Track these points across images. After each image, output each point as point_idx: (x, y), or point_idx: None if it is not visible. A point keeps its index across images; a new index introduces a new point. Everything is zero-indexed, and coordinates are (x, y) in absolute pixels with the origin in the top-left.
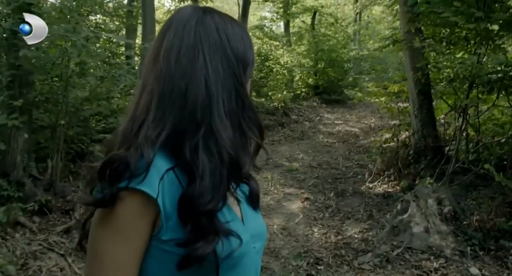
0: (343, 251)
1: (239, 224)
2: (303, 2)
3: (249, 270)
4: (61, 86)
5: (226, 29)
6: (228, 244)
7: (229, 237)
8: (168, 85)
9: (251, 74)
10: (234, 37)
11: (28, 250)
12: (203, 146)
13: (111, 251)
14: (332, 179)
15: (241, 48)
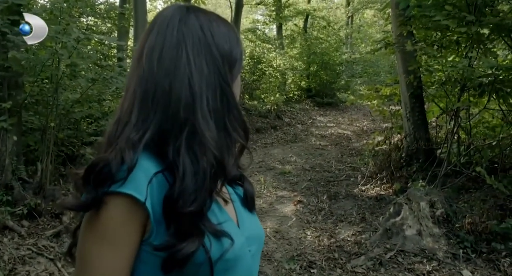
0: (336, 254)
1: (233, 226)
2: (296, 5)
3: (245, 274)
4: (51, 88)
5: (211, 27)
6: (219, 245)
7: (220, 238)
8: (151, 85)
9: (240, 72)
10: (219, 35)
11: (17, 254)
12: (186, 147)
13: (98, 258)
14: (325, 182)
15: (227, 46)
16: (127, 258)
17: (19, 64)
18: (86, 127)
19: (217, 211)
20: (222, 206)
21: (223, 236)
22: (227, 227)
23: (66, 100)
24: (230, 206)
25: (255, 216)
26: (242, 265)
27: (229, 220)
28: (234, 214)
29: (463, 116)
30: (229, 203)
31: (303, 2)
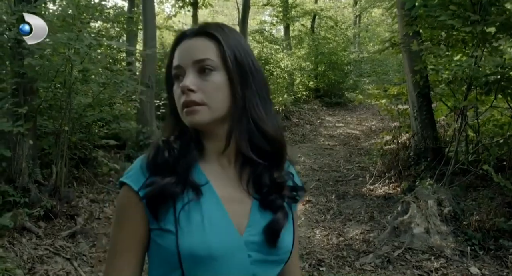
0: (345, 252)
1: (223, 225)
2: (303, 5)
3: (230, 274)
4: (64, 93)
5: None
6: (189, 237)
7: (192, 232)
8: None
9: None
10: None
11: (35, 254)
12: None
13: (113, 237)
14: (333, 181)
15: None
16: (132, 238)
17: (34, 70)
18: (98, 130)
19: (208, 205)
20: (223, 202)
21: (194, 233)
22: (208, 224)
23: (78, 104)
24: (246, 204)
25: (285, 232)
26: (226, 266)
27: (219, 218)
28: (244, 214)
29: (471, 115)
30: (246, 200)
31: (310, 2)
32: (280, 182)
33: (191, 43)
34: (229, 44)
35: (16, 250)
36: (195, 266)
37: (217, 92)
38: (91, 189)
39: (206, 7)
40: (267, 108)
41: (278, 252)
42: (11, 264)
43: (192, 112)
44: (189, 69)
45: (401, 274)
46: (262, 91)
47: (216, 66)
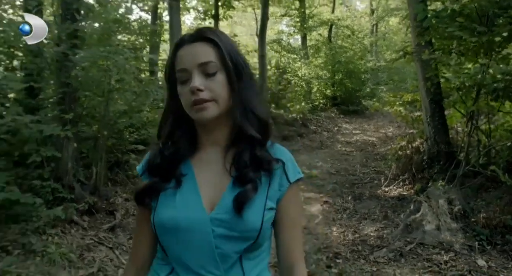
0: (360, 247)
1: (190, 201)
2: (320, 15)
3: (196, 246)
4: (103, 101)
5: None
6: (160, 210)
7: (165, 210)
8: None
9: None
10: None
11: (83, 243)
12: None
13: (136, 213)
14: (349, 184)
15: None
16: (142, 214)
17: (77, 81)
18: (129, 136)
19: (185, 189)
20: (200, 186)
21: (168, 208)
22: (180, 203)
23: (114, 112)
24: (223, 185)
25: (252, 208)
26: (190, 237)
27: (192, 199)
28: (219, 195)
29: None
30: (225, 182)
31: (327, 12)
32: (259, 157)
33: (192, 48)
34: (225, 47)
35: (67, 238)
36: (165, 235)
37: (222, 89)
38: (124, 189)
39: (226, 19)
40: (258, 97)
41: (242, 228)
42: (66, 249)
43: (202, 109)
44: (194, 72)
45: (412, 266)
46: (252, 83)
47: (218, 67)
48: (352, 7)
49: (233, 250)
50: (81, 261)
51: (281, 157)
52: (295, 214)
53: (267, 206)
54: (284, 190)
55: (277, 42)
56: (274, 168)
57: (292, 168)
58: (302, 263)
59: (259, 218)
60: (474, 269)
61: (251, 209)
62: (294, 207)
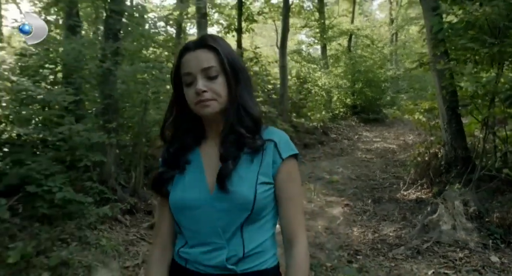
0: (379, 245)
1: (196, 183)
2: (339, 26)
3: (202, 220)
4: (140, 111)
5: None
6: (173, 192)
7: (176, 192)
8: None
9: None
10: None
11: (127, 238)
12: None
13: (157, 200)
14: (369, 188)
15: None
16: (160, 199)
17: (117, 93)
18: None
19: (193, 173)
20: (206, 169)
21: (179, 190)
22: (188, 185)
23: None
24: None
25: (244, 183)
26: (198, 214)
27: (198, 181)
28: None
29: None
30: (229, 160)
31: (347, 23)
32: (244, 138)
33: (195, 54)
34: (224, 52)
35: (114, 234)
36: (177, 213)
37: (222, 90)
38: None
39: (248, 32)
40: (252, 97)
41: (237, 202)
42: (115, 242)
43: (206, 106)
44: (198, 75)
45: (429, 262)
46: (248, 84)
47: (218, 71)
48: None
49: (232, 222)
50: (127, 254)
51: (272, 137)
52: (292, 188)
53: (259, 180)
54: (277, 166)
55: (297, 52)
56: (263, 147)
57: (285, 146)
58: (301, 237)
59: (251, 191)
60: (487, 265)
61: (243, 184)
62: (291, 182)
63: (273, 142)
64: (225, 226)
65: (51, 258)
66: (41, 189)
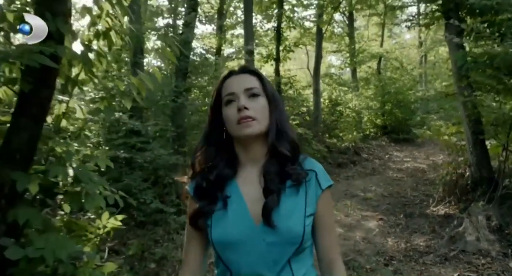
0: (411, 253)
1: (238, 218)
2: (369, 49)
3: (251, 254)
4: None
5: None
6: (215, 229)
7: (218, 227)
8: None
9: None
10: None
11: None
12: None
13: (186, 231)
14: (401, 205)
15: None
16: (192, 232)
17: (188, 123)
18: None
19: (234, 205)
20: (246, 201)
21: (221, 225)
22: (231, 219)
23: None
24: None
25: (293, 216)
26: (245, 248)
27: (241, 214)
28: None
29: None
30: (274, 194)
31: (376, 46)
32: (287, 171)
33: (239, 77)
34: (265, 79)
35: None
36: (222, 249)
37: (263, 111)
38: None
39: (285, 61)
40: (288, 122)
41: (287, 235)
42: None
43: (248, 126)
44: (241, 95)
45: (455, 267)
46: (284, 112)
47: (260, 93)
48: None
49: (282, 255)
50: None
51: (313, 168)
52: (329, 217)
53: (307, 212)
54: (318, 196)
55: (329, 76)
56: (306, 179)
57: (323, 177)
58: (340, 262)
59: (301, 224)
60: (506, 270)
61: (292, 217)
62: (328, 211)
63: (315, 173)
64: (276, 259)
65: (155, 253)
66: (138, 201)
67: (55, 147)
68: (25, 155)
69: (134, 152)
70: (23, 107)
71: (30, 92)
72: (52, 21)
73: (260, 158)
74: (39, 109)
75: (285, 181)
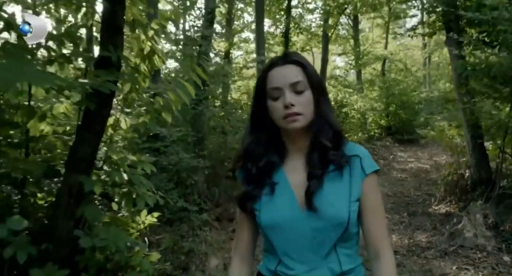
0: (414, 248)
1: (286, 202)
2: (374, 51)
3: (297, 239)
4: (222, 142)
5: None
6: (263, 213)
7: (267, 211)
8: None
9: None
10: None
11: (220, 239)
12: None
13: (237, 215)
14: (405, 204)
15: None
16: (242, 215)
17: (206, 128)
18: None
19: (280, 191)
20: (292, 187)
21: (260, 212)
22: (279, 203)
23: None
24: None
25: (337, 201)
26: (291, 231)
27: (287, 199)
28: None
29: None
30: (316, 179)
31: (380, 48)
32: (329, 157)
33: (283, 69)
34: (310, 69)
35: (211, 234)
36: (270, 231)
37: (309, 105)
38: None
39: None
40: (332, 111)
41: (327, 218)
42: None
43: (294, 120)
44: (286, 90)
45: (453, 261)
46: (328, 99)
47: (305, 86)
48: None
49: (327, 239)
50: (223, 249)
51: (357, 152)
52: (375, 202)
53: (352, 197)
54: (362, 181)
55: (335, 78)
56: (350, 164)
57: (368, 161)
58: (387, 249)
59: (345, 210)
60: (500, 263)
61: (337, 202)
62: (374, 196)
63: (359, 158)
64: (321, 244)
65: (184, 247)
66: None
67: (111, 155)
68: (88, 163)
69: (158, 155)
70: (87, 123)
71: (94, 110)
72: (114, 52)
73: (305, 147)
74: (101, 125)
75: (327, 166)
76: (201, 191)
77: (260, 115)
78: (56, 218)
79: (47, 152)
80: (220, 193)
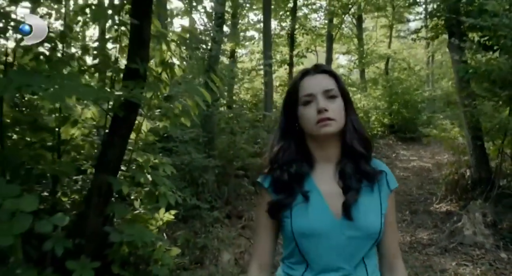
0: (415, 245)
1: (319, 210)
2: (377, 51)
3: (330, 247)
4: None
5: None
6: (296, 220)
7: (301, 219)
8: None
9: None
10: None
11: (230, 235)
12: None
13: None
14: (407, 202)
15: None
16: (267, 222)
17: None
18: None
19: (313, 199)
20: (324, 196)
21: (298, 218)
22: (312, 212)
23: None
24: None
25: (371, 213)
26: (325, 240)
27: (320, 208)
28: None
29: None
30: (353, 191)
31: (384, 47)
32: (363, 170)
33: (316, 78)
34: (341, 79)
35: (225, 230)
36: (303, 239)
37: (340, 111)
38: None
39: (298, 65)
40: (360, 120)
41: (362, 228)
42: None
43: (326, 125)
44: (319, 96)
45: (453, 257)
46: (355, 110)
47: (337, 94)
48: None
49: (360, 249)
50: (235, 243)
51: (383, 168)
52: (393, 215)
53: (382, 210)
54: (388, 196)
55: None
56: (378, 179)
57: (391, 178)
58: (401, 261)
59: (378, 221)
60: (498, 260)
61: (370, 213)
62: (393, 211)
63: (385, 173)
64: (353, 253)
65: (198, 243)
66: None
67: (136, 158)
68: (116, 165)
69: (171, 155)
70: (116, 128)
71: (122, 116)
72: (141, 65)
73: (334, 156)
74: (127, 129)
75: (361, 180)
76: (212, 190)
77: (290, 124)
78: (87, 215)
79: (76, 154)
80: (230, 191)
